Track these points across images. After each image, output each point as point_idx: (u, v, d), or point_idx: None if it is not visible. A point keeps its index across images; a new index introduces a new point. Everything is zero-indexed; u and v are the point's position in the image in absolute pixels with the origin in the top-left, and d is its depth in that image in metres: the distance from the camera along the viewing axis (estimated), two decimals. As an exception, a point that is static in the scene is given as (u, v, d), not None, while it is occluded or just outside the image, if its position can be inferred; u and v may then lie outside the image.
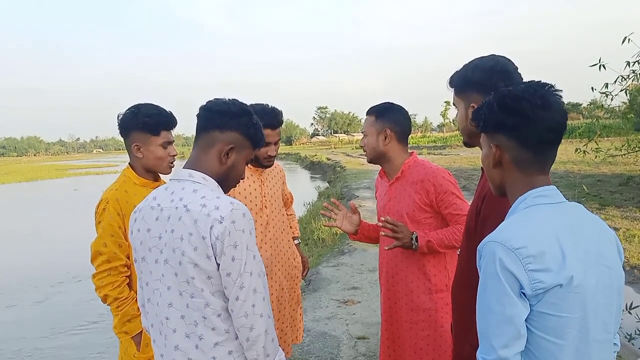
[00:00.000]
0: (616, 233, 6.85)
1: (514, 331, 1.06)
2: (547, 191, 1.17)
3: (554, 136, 1.16)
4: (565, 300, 1.06)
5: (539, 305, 1.06)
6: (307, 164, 36.30)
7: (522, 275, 1.04)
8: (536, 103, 1.13)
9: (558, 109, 1.15)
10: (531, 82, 1.21)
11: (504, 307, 1.05)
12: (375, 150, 2.26)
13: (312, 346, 4.08)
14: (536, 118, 1.13)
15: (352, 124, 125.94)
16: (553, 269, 1.05)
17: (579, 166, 15.77)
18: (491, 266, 1.08)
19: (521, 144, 1.16)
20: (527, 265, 1.05)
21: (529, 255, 1.05)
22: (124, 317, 2.13)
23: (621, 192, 10.36)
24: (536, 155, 1.17)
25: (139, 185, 2.23)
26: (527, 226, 1.11)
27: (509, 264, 1.05)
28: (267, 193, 2.53)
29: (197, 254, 1.32)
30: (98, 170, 45.14)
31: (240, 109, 1.51)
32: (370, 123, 2.28)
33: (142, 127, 2.16)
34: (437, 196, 2.11)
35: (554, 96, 1.16)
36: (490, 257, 1.09)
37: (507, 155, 1.19)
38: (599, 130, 9.67)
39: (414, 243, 2.08)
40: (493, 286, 1.07)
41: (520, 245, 1.06)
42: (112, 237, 2.12)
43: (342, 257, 6.91)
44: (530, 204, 1.16)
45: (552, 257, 1.06)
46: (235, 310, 1.35)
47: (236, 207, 1.37)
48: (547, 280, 1.04)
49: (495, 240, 1.10)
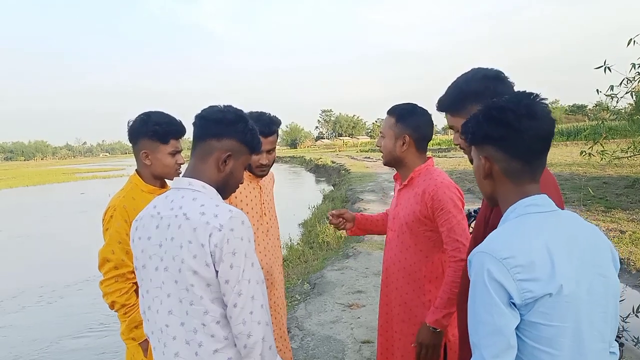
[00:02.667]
0: (622, 236, 6.85)
1: (504, 342, 1.05)
2: (538, 200, 1.16)
3: (542, 145, 1.16)
4: (556, 310, 1.05)
5: (529, 314, 1.06)
6: (312, 167, 36.30)
7: (510, 285, 1.04)
8: (521, 113, 1.13)
9: (544, 117, 1.15)
10: (517, 92, 1.21)
11: (493, 317, 1.05)
12: (391, 154, 2.16)
13: (316, 350, 4.09)
14: (522, 128, 1.13)
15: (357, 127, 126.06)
16: (542, 278, 1.04)
17: (585, 168, 15.68)
18: (480, 277, 1.08)
19: (510, 154, 1.16)
20: (515, 275, 1.04)
21: (517, 265, 1.05)
22: (131, 324, 2.14)
23: (627, 195, 10.29)
24: (526, 165, 1.17)
25: (146, 192, 2.24)
26: (516, 236, 1.11)
27: (497, 275, 1.05)
28: (265, 200, 2.53)
29: (196, 261, 1.33)
30: (105, 174, 45.34)
31: (236, 115, 1.52)
32: (389, 125, 2.15)
33: (152, 135, 2.17)
34: (433, 212, 2.01)
35: (540, 105, 1.15)
36: (478, 267, 1.09)
37: (496, 166, 1.19)
38: (604, 132, 9.64)
39: (435, 330, 1.94)
40: (482, 297, 1.07)
41: (508, 255, 1.06)
42: (120, 244, 2.13)
43: (346, 261, 6.91)
44: (521, 213, 1.15)
45: (542, 266, 1.05)
46: (234, 317, 1.36)
47: (235, 214, 1.38)
48: (536, 289, 1.04)
49: (483, 250, 1.10)
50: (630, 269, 5.73)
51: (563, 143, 34.81)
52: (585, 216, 8.41)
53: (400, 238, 2.14)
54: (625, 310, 4.73)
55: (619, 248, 6.42)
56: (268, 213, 2.54)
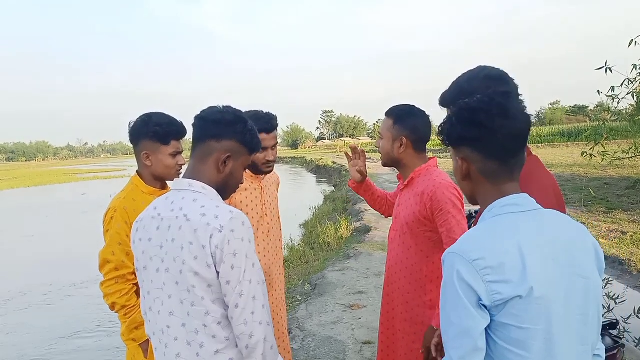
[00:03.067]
0: (623, 237, 6.84)
1: (471, 343, 1.04)
2: (517, 199, 1.14)
3: (517, 143, 1.14)
4: (527, 312, 1.03)
5: (500, 316, 1.05)
6: (313, 168, 36.32)
7: (479, 287, 1.03)
8: (493, 113, 1.12)
9: (518, 115, 1.13)
10: (490, 91, 1.19)
11: (461, 319, 1.04)
12: (389, 155, 2.18)
13: (317, 351, 4.09)
14: (496, 128, 1.11)
15: (358, 128, 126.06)
16: (512, 280, 1.03)
17: (586, 169, 15.68)
18: (450, 278, 1.07)
19: (485, 155, 1.15)
20: (485, 277, 1.03)
21: (486, 266, 1.03)
22: (131, 325, 2.15)
23: (628, 196, 10.28)
24: (502, 165, 1.15)
25: (146, 193, 2.24)
26: (488, 236, 1.09)
27: (466, 276, 1.04)
28: (267, 201, 2.52)
29: (198, 262, 1.34)
30: (106, 175, 45.41)
31: (235, 116, 1.52)
32: (387, 127, 2.16)
33: (153, 136, 2.18)
34: (433, 212, 2.00)
35: (512, 103, 1.14)
36: (449, 268, 1.08)
37: (474, 167, 1.18)
38: (605, 133, 9.63)
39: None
40: (451, 298, 1.06)
41: (478, 256, 1.05)
42: (120, 245, 2.14)
43: (347, 262, 6.91)
44: (497, 213, 1.14)
45: (512, 268, 1.03)
46: (235, 318, 1.36)
47: (235, 215, 1.38)
48: (505, 291, 1.02)
49: (454, 251, 1.09)
50: (632, 270, 5.73)
51: (564, 144, 34.81)
52: (587, 217, 8.41)
53: (402, 238, 2.15)
54: (626, 312, 4.72)
55: (620, 249, 6.42)
56: (270, 214, 2.53)
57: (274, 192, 2.65)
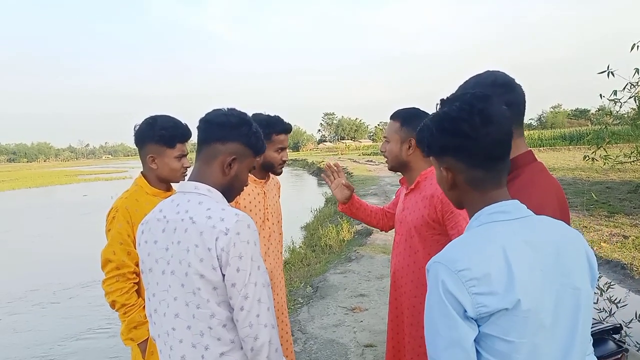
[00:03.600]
0: (625, 241, 6.83)
1: (463, 355, 1.00)
2: (505, 206, 1.10)
3: (502, 149, 1.10)
4: (512, 324, 0.99)
5: (485, 327, 1.01)
6: (314, 170, 36.31)
7: (464, 299, 0.99)
8: (475, 121, 1.07)
9: (501, 120, 1.08)
10: (469, 96, 1.12)
11: (450, 330, 1.00)
12: (397, 158, 2.17)
13: (319, 354, 4.09)
14: (478, 136, 1.07)
15: (359, 130, 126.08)
16: (498, 291, 0.98)
17: (588, 173, 15.66)
18: (435, 288, 1.03)
19: (470, 164, 1.11)
20: (470, 289, 0.99)
21: (472, 277, 0.99)
22: (130, 324, 2.16)
23: (630, 200, 10.27)
24: (488, 172, 1.11)
25: (150, 194, 2.26)
26: (474, 246, 1.05)
27: (452, 287, 1.00)
28: (269, 205, 2.53)
29: (203, 265, 1.34)
30: (107, 176, 45.44)
31: (240, 119, 1.51)
32: (394, 129, 2.16)
33: (158, 139, 2.19)
34: (443, 214, 2.00)
35: (494, 108, 1.08)
36: (433, 278, 1.04)
37: (459, 176, 1.14)
38: (607, 137, 9.62)
39: None
40: (439, 309, 1.02)
41: (463, 267, 1.00)
42: (121, 244, 2.16)
43: (349, 264, 6.91)
44: (484, 221, 1.09)
45: (498, 279, 0.99)
46: (240, 320, 1.36)
47: (241, 218, 1.38)
48: (491, 304, 0.98)
49: (439, 261, 1.05)
50: (634, 274, 5.71)
51: (566, 147, 34.78)
52: (588, 221, 8.40)
53: (409, 242, 2.14)
54: (628, 316, 4.71)
55: (622, 253, 6.41)
56: (271, 218, 2.54)
57: (276, 196, 2.66)
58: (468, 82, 1.51)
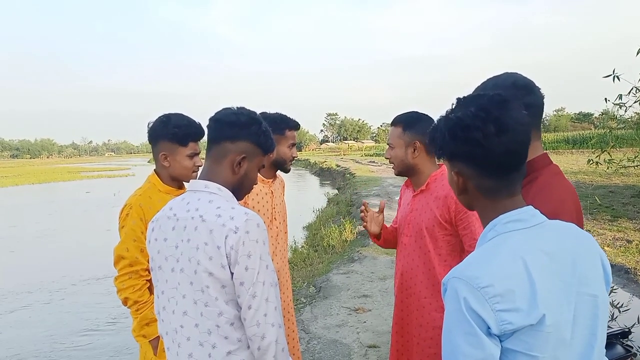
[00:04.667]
0: (629, 246, 6.82)
1: None
2: (520, 214, 1.06)
3: (517, 158, 1.05)
4: (536, 339, 0.97)
5: (507, 342, 0.98)
6: (317, 170, 36.33)
7: (488, 316, 0.95)
8: (489, 130, 1.01)
9: (517, 128, 1.03)
10: (486, 101, 1.06)
11: (475, 349, 0.96)
12: (403, 162, 2.18)
13: (322, 354, 4.09)
14: (491, 145, 1.02)
15: (362, 131, 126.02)
16: (523, 308, 0.95)
17: (591, 177, 15.63)
18: (456, 305, 0.99)
19: (481, 172, 1.07)
20: (494, 306, 0.95)
21: (495, 294, 0.96)
22: (142, 321, 2.17)
23: (634, 204, 10.24)
24: (500, 182, 1.07)
25: (163, 192, 2.26)
26: (494, 260, 1.01)
27: (474, 305, 0.96)
28: (276, 204, 2.55)
29: (212, 263, 1.34)
30: (110, 174, 45.55)
31: (249, 118, 1.52)
32: (397, 135, 2.18)
33: (171, 137, 2.19)
34: (457, 214, 2.03)
35: (511, 115, 1.03)
36: (453, 295, 1.00)
37: (470, 182, 1.10)
38: (612, 141, 9.61)
39: None
40: (461, 327, 0.98)
41: (486, 283, 0.97)
42: (135, 242, 2.16)
43: (352, 265, 6.92)
44: (500, 231, 1.06)
45: (522, 295, 0.96)
46: (248, 319, 1.37)
47: (250, 217, 1.38)
48: (516, 321, 0.95)
49: (459, 277, 1.01)
50: (637, 279, 5.71)
51: (569, 151, 34.71)
52: (592, 225, 8.38)
53: (418, 243, 2.15)
54: (631, 320, 4.71)
55: (625, 257, 6.40)
56: (278, 217, 2.55)
57: (282, 196, 2.67)
58: (486, 83, 1.48)
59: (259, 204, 2.45)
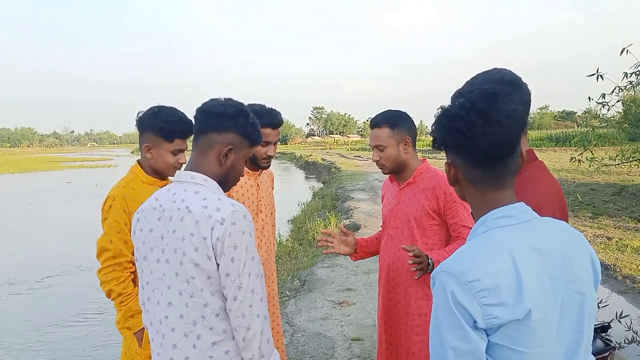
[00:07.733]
0: (609, 242, 6.95)
1: None
2: (511, 210, 1.08)
3: (502, 150, 1.06)
4: (522, 334, 0.98)
5: (494, 336, 0.99)
6: (302, 164, 36.30)
7: (475, 310, 0.97)
8: (472, 120, 1.03)
9: (502, 121, 1.03)
10: (475, 93, 1.08)
11: (462, 341, 0.98)
12: (397, 160, 2.22)
13: (307, 346, 4.10)
14: (474, 136, 1.04)
15: (348, 125, 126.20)
16: (509, 302, 0.97)
17: (573, 174, 15.89)
18: (444, 299, 1.00)
19: (469, 162, 1.09)
20: (481, 300, 0.97)
21: (483, 288, 0.97)
22: (127, 313, 2.14)
23: (614, 202, 10.46)
24: (487, 173, 1.08)
25: (146, 183, 2.23)
26: (482, 255, 1.02)
27: (462, 298, 0.98)
28: (263, 197, 2.52)
29: (198, 254, 1.34)
30: (92, 164, 44.97)
31: (236, 109, 1.51)
32: (387, 135, 2.20)
33: (157, 130, 2.15)
34: (445, 204, 2.13)
35: (497, 108, 1.04)
36: (441, 288, 1.02)
37: (460, 172, 1.13)
38: (594, 139, 9.76)
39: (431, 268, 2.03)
40: (448, 320, 0.99)
41: (473, 277, 0.98)
42: (118, 233, 2.13)
43: (337, 259, 6.93)
44: (491, 226, 1.07)
45: (508, 289, 0.98)
46: (233, 310, 1.36)
47: (237, 208, 1.38)
48: (502, 315, 0.97)
49: (447, 270, 1.02)
50: (617, 275, 5.83)
51: (552, 148, 35.22)
52: (573, 222, 8.52)
53: (405, 233, 2.22)
54: (609, 316, 4.81)
55: (605, 254, 6.52)
56: (265, 210, 2.53)
57: (269, 188, 2.64)
58: (475, 78, 1.52)
59: (244, 196, 2.42)
